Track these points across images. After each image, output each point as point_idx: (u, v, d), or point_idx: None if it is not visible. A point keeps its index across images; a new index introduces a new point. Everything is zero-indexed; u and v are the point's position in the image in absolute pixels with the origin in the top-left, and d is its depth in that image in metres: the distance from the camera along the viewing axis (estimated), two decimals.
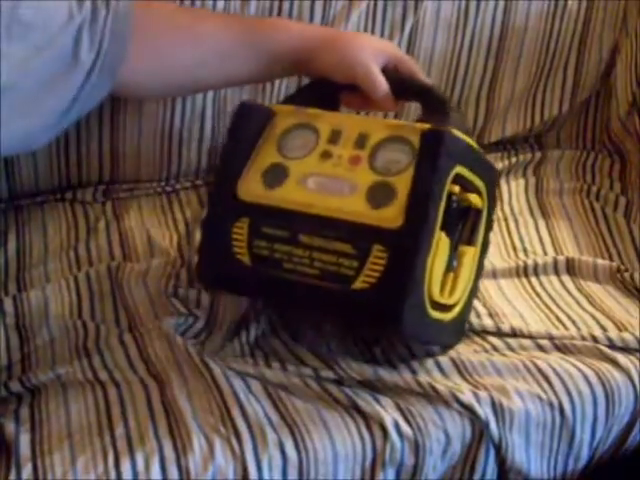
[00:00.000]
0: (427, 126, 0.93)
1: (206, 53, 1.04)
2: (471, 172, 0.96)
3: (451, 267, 0.96)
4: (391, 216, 0.90)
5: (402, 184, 0.91)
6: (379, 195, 0.92)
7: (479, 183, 0.98)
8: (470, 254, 0.99)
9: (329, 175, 0.95)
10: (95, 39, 0.90)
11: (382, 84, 1.02)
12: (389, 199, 0.91)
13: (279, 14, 1.23)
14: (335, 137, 0.97)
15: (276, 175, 0.96)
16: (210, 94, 1.24)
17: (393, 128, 0.96)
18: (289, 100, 1.06)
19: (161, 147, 1.27)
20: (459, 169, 0.93)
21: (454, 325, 1.00)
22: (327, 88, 1.05)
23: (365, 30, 1.27)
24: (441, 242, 0.92)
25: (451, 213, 0.93)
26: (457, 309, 0.99)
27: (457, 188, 0.93)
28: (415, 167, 0.91)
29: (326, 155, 0.96)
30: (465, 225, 0.98)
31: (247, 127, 0.99)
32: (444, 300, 0.96)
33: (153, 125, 1.25)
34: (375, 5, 1.26)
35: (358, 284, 0.90)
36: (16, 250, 1.17)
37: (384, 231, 0.90)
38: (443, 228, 0.92)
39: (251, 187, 0.97)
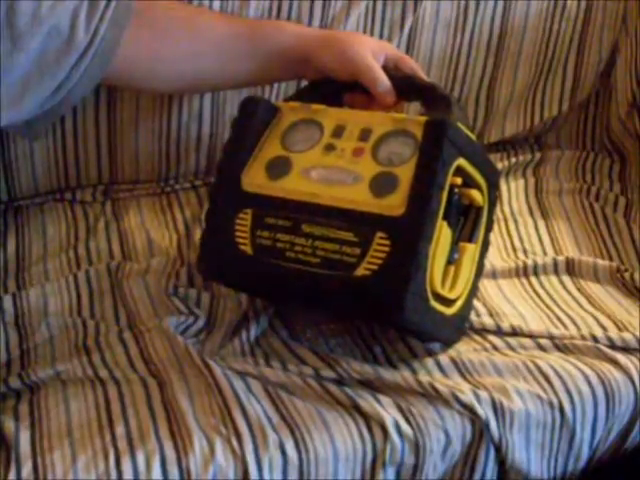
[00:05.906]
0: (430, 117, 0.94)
1: (204, 45, 1.04)
2: (473, 167, 0.96)
3: (452, 260, 0.96)
4: (394, 204, 0.90)
5: (405, 173, 0.92)
6: (382, 184, 0.92)
7: (480, 179, 0.99)
8: (470, 251, 1.00)
9: (332, 166, 0.95)
10: (92, 23, 0.91)
11: (383, 78, 1.02)
12: (392, 188, 0.91)
13: (278, 15, 1.22)
14: (339, 131, 0.97)
15: (280, 167, 0.97)
16: (208, 95, 1.24)
17: (396, 122, 0.96)
18: (291, 99, 1.06)
19: (159, 148, 1.27)
20: (461, 161, 0.93)
21: (455, 321, 1.00)
22: (329, 88, 1.06)
23: (364, 30, 1.27)
24: (443, 231, 0.93)
25: (453, 205, 0.93)
26: (458, 305, 0.99)
27: (459, 180, 0.93)
28: (418, 156, 0.92)
29: (330, 148, 0.97)
30: (466, 222, 0.99)
31: (252, 121, 1.00)
32: (445, 293, 0.96)
33: (151, 126, 1.25)
34: (374, 5, 1.26)
35: (360, 271, 0.90)
36: (15, 250, 1.17)
37: (387, 219, 0.90)
38: (445, 219, 0.93)
39: (255, 179, 0.97)
